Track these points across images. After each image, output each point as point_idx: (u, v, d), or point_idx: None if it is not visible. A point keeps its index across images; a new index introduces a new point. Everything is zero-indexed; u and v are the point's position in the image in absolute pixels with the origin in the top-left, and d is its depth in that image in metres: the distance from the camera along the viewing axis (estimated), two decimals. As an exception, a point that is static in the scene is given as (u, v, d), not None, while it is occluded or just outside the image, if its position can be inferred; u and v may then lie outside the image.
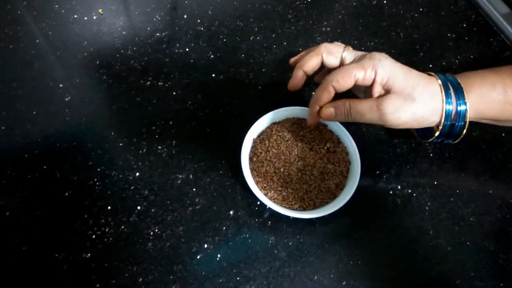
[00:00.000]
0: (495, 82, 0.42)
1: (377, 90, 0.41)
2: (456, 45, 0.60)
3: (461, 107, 0.40)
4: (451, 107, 0.40)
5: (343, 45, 0.45)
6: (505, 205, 0.48)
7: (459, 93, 0.40)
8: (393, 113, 0.39)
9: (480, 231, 0.47)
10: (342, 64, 0.44)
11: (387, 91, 0.40)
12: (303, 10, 0.62)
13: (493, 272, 0.45)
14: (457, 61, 0.59)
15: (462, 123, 0.41)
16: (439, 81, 0.40)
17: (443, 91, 0.40)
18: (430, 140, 0.43)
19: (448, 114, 0.40)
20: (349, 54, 0.43)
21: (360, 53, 0.43)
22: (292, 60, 0.49)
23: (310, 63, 0.44)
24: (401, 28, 0.61)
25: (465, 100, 0.40)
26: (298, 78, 0.46)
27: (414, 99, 0.39)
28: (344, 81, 0.41)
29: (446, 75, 0.42)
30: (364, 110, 0.41)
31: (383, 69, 0.40)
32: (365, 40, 0.59)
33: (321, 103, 0.43)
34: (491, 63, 0.59)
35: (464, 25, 0.63)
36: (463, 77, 0.42)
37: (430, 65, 0.58)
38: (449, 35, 0.61)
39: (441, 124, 0.40)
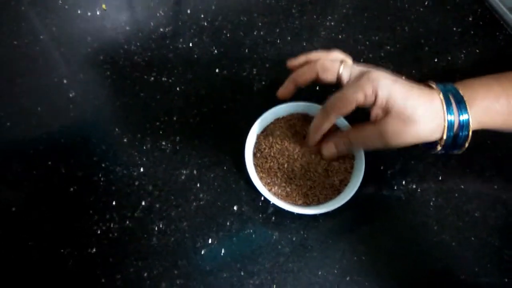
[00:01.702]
0: (499, 94, 0.40)
1: (375, 112, 0.39)
2: (462, 39, 0.60)
3: (463, 117, 0.39)
4: (453, 118, 0.39)
5: (340, 59, 0.43)
6: (510, 200, 0.48)
7: (461, 105, 0.39)
8: (395, 138, 0.38)
9: (485, 227, 0.47)
10: (338, 80, 0.42)
11: (386, 113, 0.39)
12: (307, 4, 0.61)
13: (497, 267, 0.45)
14: (462, 55, 0.58)
15: (466, 132, 0.39)
16: (441, 95, 0.39)
17: (444, 106, 0.38)
18: (434, 152, 0.42)
19: (450, 125, 0.39)
20: (346, 71, 0.41)
21: (357, 68, 0.41)
22: (290, 64, 0.46)
23: (304, 78, 0.43)
24: (406, 22, 0.61)
25: (467, 110, 0.39)
26: (289, 89, 0.44)
27: (414, 121, 0.38)
28: (345, 108, 0.39)
29: (447, 85, 0.41)
30: (366, 140, 0.40)
31: (382, 91, 0.38)
32: (370, 35, 0.59)
33: (323, 131, 0.43)
34: (497, 58, 0.59)
35: (470, 19, 0.62)
36: (466, 87, 0.40)
37: (435, 59, 0.57)
38: (454, 29, 0.61)
39: (444, 136, 0.39)
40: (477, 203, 0.48)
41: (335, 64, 0.42)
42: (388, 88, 0.38)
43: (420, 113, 0.38)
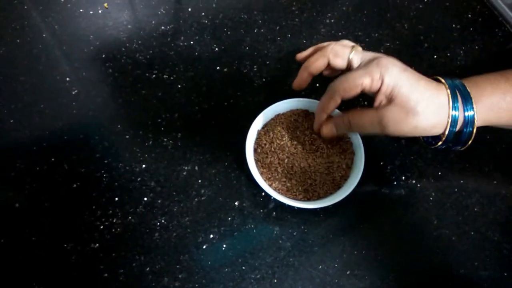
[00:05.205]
0: (506, 91, 0.39)
1: (379, 99, 0.39)
2: (461, 36, 0.60)
3: (469, 113, 0.38)
4: (458, 113, 0.38)
5: (350, 45, 0.43)
6: (509, 195, 0.48)
7: (467, 101, 0.39)
8: (394, 126, 0.38)
9: (484, 221, 0.47)
10: (349, 65, 0.43)
11: (389, 101, 0.39)
12: (307, 2, 0.62)
13: (497, 261, 0.45)
14: (462, 52, 0.59)
15: (470, 129, 0.39)
16: (448, 91, 0.38)
17: (450, 101, 0.38)
18: (435, 146, 0.42)
19: (454, 121, 0.38)
20: (356, 56, 0.42)
21: (367, 54, 0.41)
22: (299, 56, 0.48)
23: (316, 65, 0.43)
24: (405, 19, 0.61)
25: (473, 106, 0.38)
26: (303, 78, 0.45)
27: (416, 113, 0.37)
28: (351, 90, 0.40)
29: (455, 80, 0.40)
30: (365, 124, 0.40)
31: (389, 78, 0.38)
32: (370, 32, 0.59)
33: (329, 111, 0.43)
34: (496, 54, 0.59)
35: (469, 15, 0.62)
36: (472, 84, 0.40)
37: (435, 56, 0.58)
38: (454, 26, 0.61)
39: (446, 132, 0.39)
40: (477, 198, 0.48)
41: (346, 49, 0.42)
42: (396, 76, 0.38)
43: (423, 106, 0.37)
